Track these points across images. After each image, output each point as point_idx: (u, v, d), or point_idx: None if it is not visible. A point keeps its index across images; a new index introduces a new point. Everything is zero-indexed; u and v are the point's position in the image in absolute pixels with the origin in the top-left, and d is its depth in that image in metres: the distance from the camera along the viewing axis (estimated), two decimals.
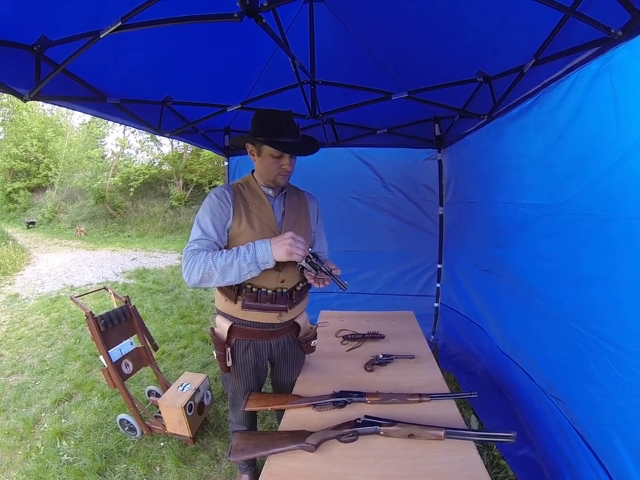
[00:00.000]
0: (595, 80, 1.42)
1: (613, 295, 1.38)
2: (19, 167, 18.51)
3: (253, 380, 1.77)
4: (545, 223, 1.85)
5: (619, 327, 1.36)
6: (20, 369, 3.77)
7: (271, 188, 1.67)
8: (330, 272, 1.47)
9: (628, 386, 1.31)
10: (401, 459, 1.25)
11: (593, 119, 1.44)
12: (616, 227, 1.34)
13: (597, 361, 1.48)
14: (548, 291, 1.86)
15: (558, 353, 1.80)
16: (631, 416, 1.32)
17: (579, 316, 1.60)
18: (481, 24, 1.71)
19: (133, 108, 2.39)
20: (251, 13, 1.17)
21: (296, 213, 1.72)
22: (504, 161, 2.27)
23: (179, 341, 4.34)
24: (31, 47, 1.61)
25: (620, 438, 1.38)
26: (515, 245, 2.20)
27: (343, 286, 1.44)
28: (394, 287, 3.74)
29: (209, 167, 15.85)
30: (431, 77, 2.25)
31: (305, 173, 3.36)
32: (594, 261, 1.48)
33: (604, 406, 1.46)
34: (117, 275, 7.91)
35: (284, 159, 1.53)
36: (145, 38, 1.76)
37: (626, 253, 1.29)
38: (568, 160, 1.61)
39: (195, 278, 1.43)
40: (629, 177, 1.25)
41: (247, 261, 1.40)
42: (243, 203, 1.60)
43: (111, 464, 2.34)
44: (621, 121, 1.28)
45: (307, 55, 1.98)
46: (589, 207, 1.49)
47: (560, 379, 1.81)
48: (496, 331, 2.57)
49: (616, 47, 1.29)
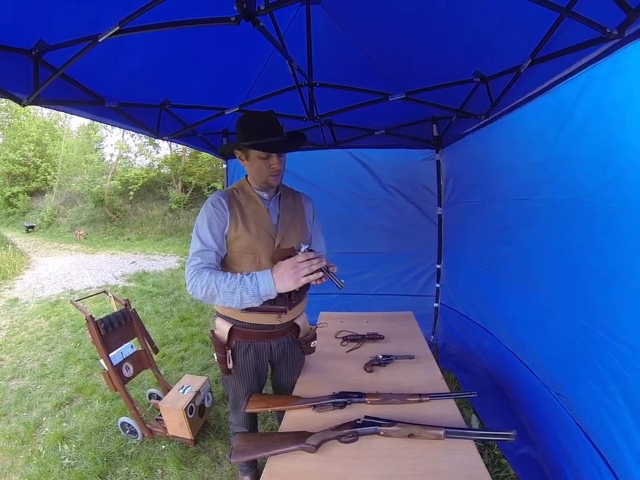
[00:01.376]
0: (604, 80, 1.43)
1: (630, 289, 1.37)
2: (18, 171, 18.52)
3: (253, 381, 1.77)
4: (562, 217, 1.81)
5: (628, 323, 1.36)
6: (20, 373, 3.77)
7: (265, 191, 1.67)
8: (327, 269, 1.46)
9: (630, 382, 1.32)
10: (401, 459, 1.25)
11: (612, 115, 1.43)
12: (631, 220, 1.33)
13: (602, 358, 1.49)
14: (558, 286, 1.84)
15: (563, 350, 1.81)
16: (632, 414, 1.32)
17: (588, 312, 1.60)
18: (478, 24, 1.72)
19: (131, 111, 2.39)
20: (249, 16, 1.17)
21: (291, 214, 1.72)
22: (514, 160, 2.26)
23: (179, 343, 4.34)
24: (29, 51, 1.61)
25: (622, 435, 1.38)
26: (522, 241, 2.20)
27: (340, 284, 1.42)
28: (393, 288, 3.74)
29: (207, 169, 15.86)
30: (428, 78, 2.25)
31: (303, 175, 3.42)
32: (611, 253, 1.47)
33: (606, 403, 1.46)
34: (116, 279, 7.91)
35: (272, 158, 1.54)
36: (143, 42, 1.76)
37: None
38: (589, 156, 1.59)
39: (198, 295, 1.46)
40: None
41: (249, 294, 1.40)
42: (238, 207, 1.61)
43: (112, 467, 2.34)
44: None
45: (304, 57, 1.98)
46: (609, 200, 1.47)
47: (564, 376, 1.82)
48: (498, 329, 2.58)
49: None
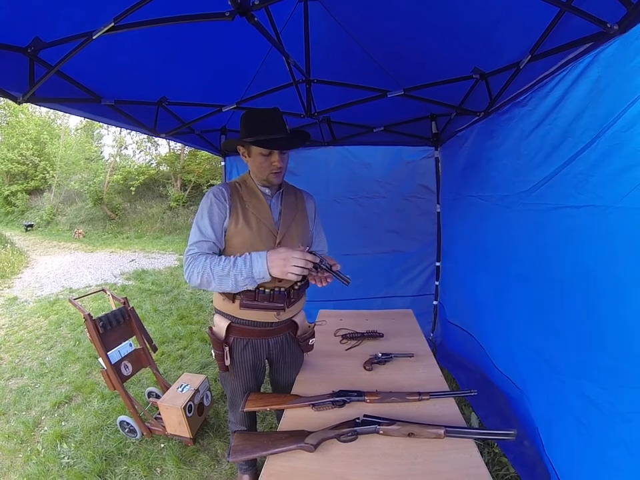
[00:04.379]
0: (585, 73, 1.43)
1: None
2: (16, 169, 18.48)
3: (251, 379, 1.77)
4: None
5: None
6: (19, 372, 3.77)
7: (267, 187, 1.67)
8: (330, 268, 1.46)
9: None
10: (401, 458, 1.24)
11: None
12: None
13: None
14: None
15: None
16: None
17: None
18: (477, 20, 1.70)
19: (127, 109, 2.37)
20: (243, 11, 1.16)
21: (293, 211, 1.72)
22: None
23: (178, 341, 4.34)
24: (25, 49, 1.60)
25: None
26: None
27: (346, 280, 1.41)
28: (393, 286, 3.71)
29: (206, 167, 15.83)
30: (427, 74, 2.24)
31: (301, 173, 3.40)
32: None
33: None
34: (115, 277, 7.90)
35: (273, 156, 1.53)
36: (139, 38, 1.74)
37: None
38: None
39: (195, 281, 1.47)
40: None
41: (243, 276, 1.41)
42: (240, 201, 1.60)
43: (112, 466, 2.34)
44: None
45: (302, 53, 1.97)
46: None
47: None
48: (473, 327, 2.66)
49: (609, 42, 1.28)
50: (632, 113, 1.18)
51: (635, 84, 1.16)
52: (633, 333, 1.20)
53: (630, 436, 1.21)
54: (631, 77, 1.18)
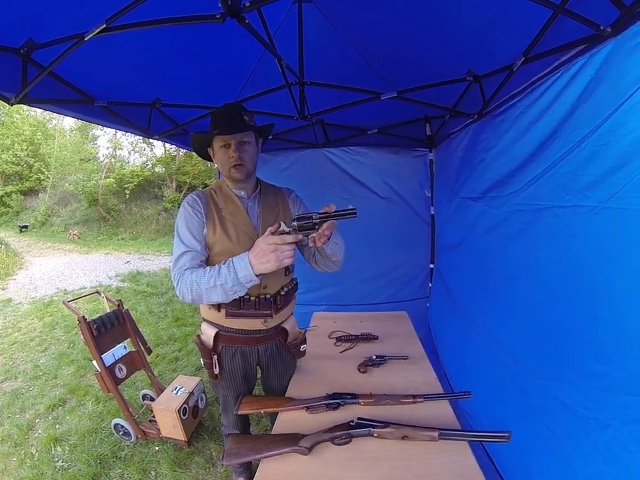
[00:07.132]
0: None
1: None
2: (11, 170, 18.37)
3: (242, 385, 1.76)
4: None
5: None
6: (13, 374, 3.75)
7: (242, 189, 1.63)
8: (327, 217, 1.29)
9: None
10: (395, 461, 1.24)
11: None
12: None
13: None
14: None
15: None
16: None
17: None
18: (471, 22, 1.70)
19: (121, 110, 2.36)
20: (234, 13, 1.15)
21: (274, 212, 1.68)
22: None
23: (173, 344, 4.33)
24: (18, 49, 1.59)
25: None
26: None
27: (351, 213, 1.25)
28: (388, 289, 3.69)
29: (201, 168, 15.85)
30: (421, 77, 2.24)
31: (295, 175, 3.39)
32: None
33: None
34: (110, 279, 7.87)
35: (230, 147, 1.52)
36: (133, 40, 1.73)
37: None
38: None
39: (187, 298, 1.42)
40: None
41: (230, 284, 1.31)
42: (215, 208, 1.57)
43: (106, 469, 2.33)
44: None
45: (296, 55, 1.97)
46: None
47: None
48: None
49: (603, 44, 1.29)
50: (621, 113, 1.18)
51: (625, 85, 1.17)
52: (617, 335, 1.19)
53: (605, 443, 1.19)
54: (622, 78, 1.18)
